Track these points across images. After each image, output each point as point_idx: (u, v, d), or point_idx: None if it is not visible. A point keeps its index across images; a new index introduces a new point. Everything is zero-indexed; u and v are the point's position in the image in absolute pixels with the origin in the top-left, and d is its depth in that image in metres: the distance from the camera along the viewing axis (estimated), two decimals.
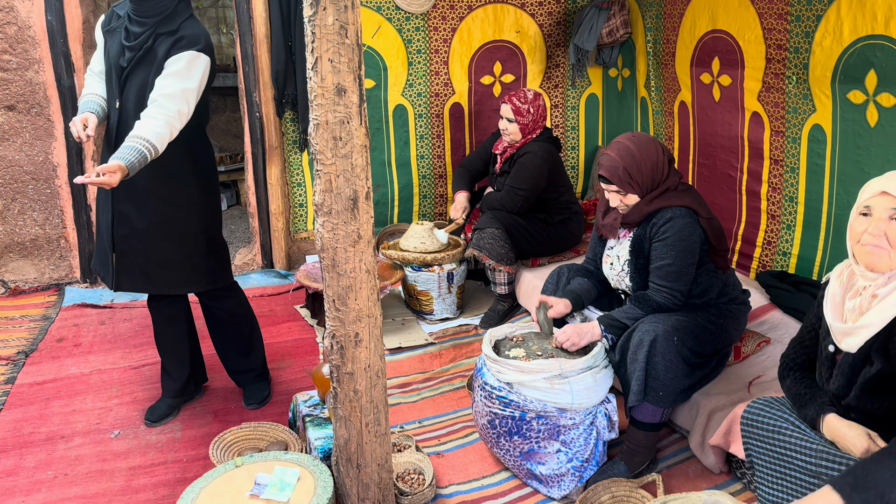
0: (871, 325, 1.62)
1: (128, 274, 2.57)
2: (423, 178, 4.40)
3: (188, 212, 2.56)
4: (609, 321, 2.40)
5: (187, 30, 2.40)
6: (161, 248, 2.54)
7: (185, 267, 2.60)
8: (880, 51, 2.53)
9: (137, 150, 2.22)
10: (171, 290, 2.65)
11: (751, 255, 3.31)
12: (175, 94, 2.31)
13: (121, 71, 2.41)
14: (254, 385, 2.92)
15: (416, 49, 4.19)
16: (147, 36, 2.36)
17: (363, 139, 1.78)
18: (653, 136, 2.45)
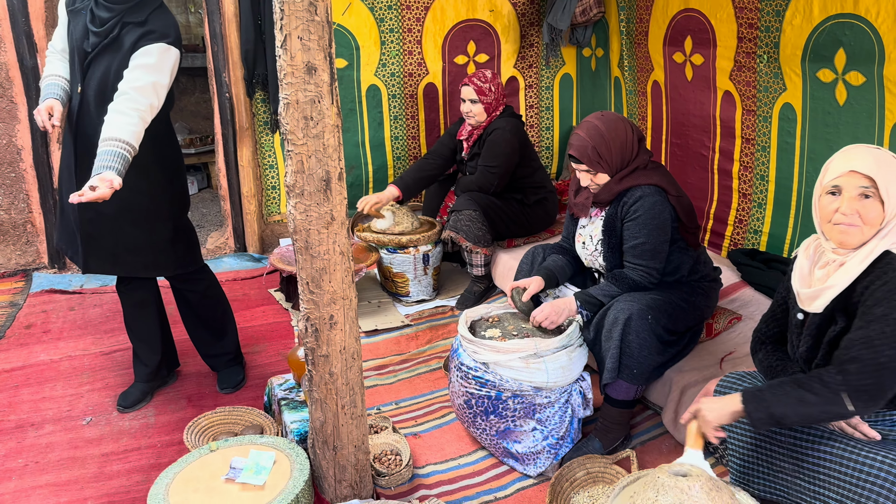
0: (836, 285, 1.68)
1: (95, 256, 2.53)
2: (398, 160, 4.37)
3: (153, 198, 2.52)
4: (585, 298, 2.41)
5: (156, 22, 2.35)
6: (127, 233, 2.50)
7: (152, 251, 2.57)
8: (849, 29, 2.55)
9: (120, 155, 2.19)
10: (139, 272, 2.61)
11: (722, 233, 3.34)
12: (146, 88, 2.27)
13: (84, 55, 2.36)
14: (228, 369, 2.90)
15: (388, 28, 4.14)
16: (114, 23, 2.31)
17: (335, 119, 1.75)
18: (622, 115, 2.45)
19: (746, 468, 1.89)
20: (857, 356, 1.58)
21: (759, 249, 3.13)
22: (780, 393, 1.65)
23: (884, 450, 1.61)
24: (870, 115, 2.54)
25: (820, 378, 1.62)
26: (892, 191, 1.62)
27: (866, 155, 1.66)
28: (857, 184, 1.65)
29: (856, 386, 1.57)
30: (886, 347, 1.55)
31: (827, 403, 1.59)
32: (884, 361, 1.55)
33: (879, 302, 1.58)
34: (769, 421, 1.65)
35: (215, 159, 4.32)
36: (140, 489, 2.29)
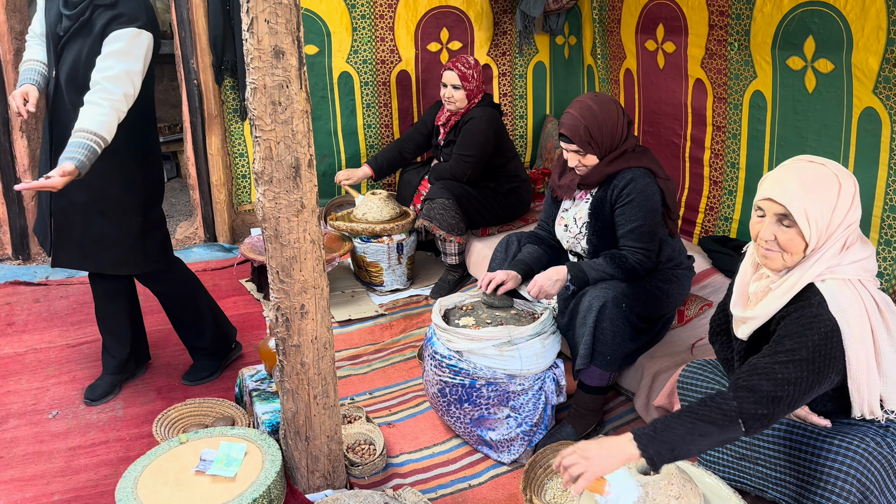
0: (757, 317, 1.66)
1: (65, 249, 2.48)
2: (371, 148, 4.33)
3: (125, 189, 2.46)
4: (576, 272, 2.37)
5: (127, 4, 2.28)
6: (97, 225, 2.45)
7: (122, 247, 2.51)
8: (818, 17, 2.57)
9: (87, 146, 2.15)
10: (107, 269, 2.55)
11: (694, 220, 3.37)
12: (119, 77, 2.23)
13: (57, 39, 2.32)
14: (200, 363, 2.85)
15: (360, 14, 4.09)
16: (85, 6, 2.26)
17: (304, 104, 1.72)
18: (614, 98, 2.44)
19: (712, 456, 1.91)
20: (756, 386, 1.54)
21: (729, 236, 3.16)
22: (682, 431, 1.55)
23: (839, 434, 1.64)
24: (838, 103, 2.57)
25: (718, 406, 1.56)
26: (814, 218, 1.55)
27: (791, 177, 1.58)
28: (774, 211, 1.59)
29: (751, 413, 1.54)
30: (786, 384, 1.52)
31: (725, 432, 1.55)
32: (780, 396, 1.53)
33: (791, 335, 1.55)
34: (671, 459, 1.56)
35: (184, 148, 4.24)
36: (108, 483, 2.25)
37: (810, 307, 1.56)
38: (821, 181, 1.56)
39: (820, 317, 1.54)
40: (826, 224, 1.56)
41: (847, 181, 1.58)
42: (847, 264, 1.58)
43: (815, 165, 1.59)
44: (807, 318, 1.55)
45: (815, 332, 1.53)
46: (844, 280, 1.57)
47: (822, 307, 1.54)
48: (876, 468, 1.58)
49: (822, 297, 1.56)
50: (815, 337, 1.53)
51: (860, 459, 1.57)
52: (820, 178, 1.57)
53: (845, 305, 1.54)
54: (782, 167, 1.63)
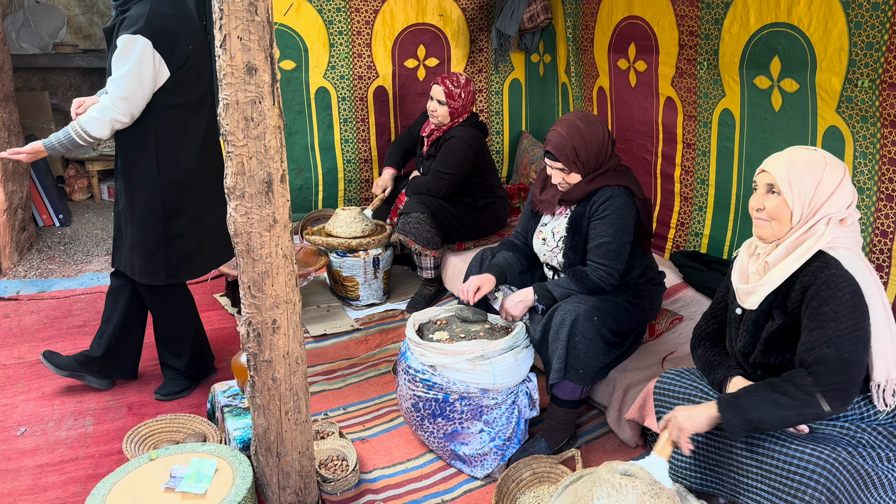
0: (770, 282, 1.75)
1: (118, 251, 2.65)
2: (348, 163, 4.34)
3: (146, 197, 2.51)
4: (542, 291, 2.43)
5: (134, 10, 2.38)
6: (129, 231, 2.57)
7: (145, 254, 2.56)
8: (783, 37, 2.64)
9: (65, 132, 2.37)
10: (137, 276, 2.61)
11: (665, 235, 3.42)
12: (116, 80, 2.35)
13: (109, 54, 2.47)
14: (171, 380, 2.82)
15: (337, 30, 4.11)
16: (114, 18, 2.43)
17: (276, 120, 1.73)
18: (600, 118, 2.48)
19: (682, 462, 1.94)
20: (822, 356, 1.63)
21: (700, 251, 3.21)
22: (756, 398, 1.68)
23: (811, 443, 1.67)
24: (803, 121, 2.64)
25: (793, 381, 1.65)
26: (797, 189, 1.70)
27: (784, 155, 1.75)
28: (765, 181, 1.76)
29: (828, 385, 1.61)
30: (846, 343, 1.61)
31: (803, 405, 1.63)
32: (848, 357, 1.61)
33: (825, 301, 1.64)
34: (747, 427, 1.67)
35: None
36: (76, 501, 2.22)
37: (829, 268, 1.66)
38: (808, 160, 1.73)
39: (842, 276, 1.64)
40: (810, 197, 1.71)
41: (835, 165, 1.73)
42: (844, 237, 1.71)
43: (807, 149, 1.77)
44: (832, 280, 1.65)
45: (845, 291, 1.63)
46: (848, 248, 1.70)
47: (840, 267, 1.65)
48: (846, 478, 1.62)
49: (836, 259, 1.67)
50: (847, 295, 1.63)
51: (830, 468, 1.60)
52: (808, 157, 1.73)
53: (855, 266, 1.66)
54: (780, 152, 1.79)
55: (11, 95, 4.11)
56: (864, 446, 1.69)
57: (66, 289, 3.80)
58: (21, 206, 4.17)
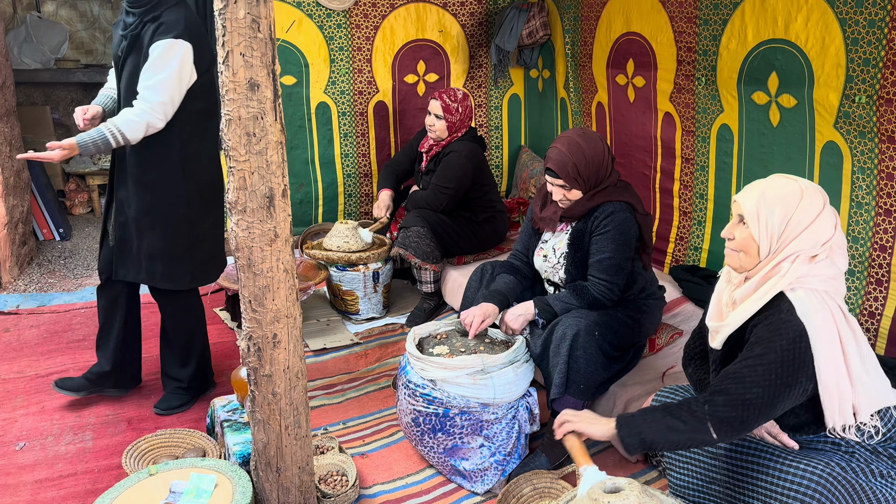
0: (730, 324, 1.73)
1: (124, 262, 2.61)
2: (348, 177, 4.36)
3: (168, 202, 2.55)
4: (543, 305, 2.44)
5: (168, 15, 2.43)
6: (147, 238, 2.56)
7: (169, 259, 2.59)
8: (781, 54, 2.66)
9: (99, 132, 2.35)
10: (158, 282, 2.62)
11: (664, 250, 3.43)
12: (155, 86, 2.38)
13: (118, 60, 2.51)
14: (172, 394, 2.82)
15: (338, 46, 4.14)
16: (136, 24, 2.43)
17: (278, 135, 1.74)
18: (600, 135, 2.49)
19: (683, 481, 1.94)
20: (726, 389, 1.64)
21: (699, 266, 3.22)
22: (651, 420, 1.70)
23: (805, 458, 1.67)
24: (801, 136, 2.65)
25: (689, 407, 1.67)
26: (765, 222, 1.66)
27: (759, 186, 1.71)
28: (736, 210, 1.73)
29: (720, 417, 1.62)
30: (755, 385, 1.60)
31: (693, 431, 1.65)
32: (749, 398, 1.60)
33: (760, 341, 1.63)
34: (640, 446, 1.70)
35: None
36: None
37: (780, 313, 1.63)
38: (783, 192, 1.67)
39: (789, 322, 1.61)
40: (779, 232, 1.66)
41: (813, 199, 1.66)
42: (813, 276, 1.65)
43: (786, 180, 1.70)
44: (776, 323, 1.62)
45: (783, 337, 1.60)
46: (812, 289, 1.64)
47: (791, 313, 1.61)
48: (840, 493, 1.61)
49: (790, 304, 1.63)
50: (783, 341, 1.59)
51: (825, 483, 1.60)
52: (783, 189, 1.67)
53: (812, 311, 1.61)
54: (761, 179, 1.74)
55: (13, 110, 4.13)
56: (857, 461, 1.69)
57: (66, 303, 3.80)
58: (22, 221, 4.18)
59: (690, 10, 3.04)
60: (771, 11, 2.67)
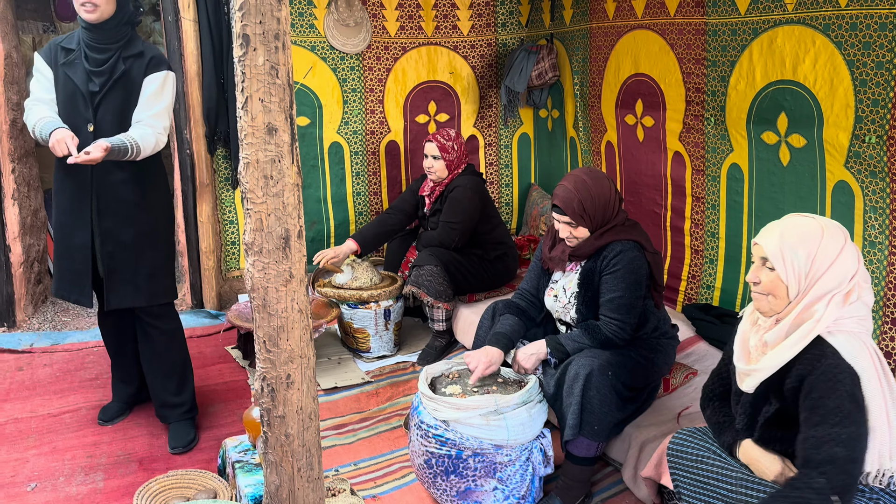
0: (766, 368, 1.71)
1: (116, 290, 2.65)
2: (360, 215, 4.39)
3: (165, 220, 2.77)
4: (555, 344, 2.43)
5: (151, 51, 2.61)
6: (148, 258, 2.67)
7: (168, 274, 2.76)
8: (790, 94, 2.69)
9: (121, 140, 2.45)
10: (160, 298, 2.73)
11: (677, 288, 3.42)
12: (159, 114, 2.57)
13: (92, 96, 2.53)
14: (180, 423, 2.83)
15: (351, 88, 4.22)
16: (114, 60, 2.52)
17: (295, 178, 1.77)
18: (607, 174, 2.52)
19: None
20: (832, 456, 1.58)
21: (712, 304, 3.21)
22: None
23: None
24: (812, 176, 2.67)
25: (809, 486, 1.59)
26: (791, 263, 1.65)
27: (777, 227, 1.71)
28: (759, 254, 1.73)
29: (839, 485, 1.58)
30: (853, 441, 1.58)
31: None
32: (856, 457, 1.58)
33: (826, 394, 1.60)
34: None
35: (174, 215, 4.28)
36: None
37: (826, 358, 1.61)
38: (803, 231, 1.67)
39: (841, 366, 1.59)
40: (806, 271, 1.65)
41: (834, 234, 1.67)
42: (848, 318, 1.65)
43: (803, 218, 1.71)
44: (831, 371, 1.60)
45: (844, 383, 1.59)
46: (848, 332, 1.63)
47: (838, 357, 1.60)
48: None
49: (833, 348, 1.61)
50: (847, 387, 1.58)
51: None
52: (803, 228, 1.68)
53: (857, 354, 1.60)
54: (777, 220, 1.74)
55: (32, 151, 4.21)
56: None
57: (80, 341, 3.82)
58: (37, 259, 4.23)
59: (698, 51, 3.09)
60: (779, 53, 2.71)
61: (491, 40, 4.47)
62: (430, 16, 4.31)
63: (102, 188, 2.59)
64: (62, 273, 2.69)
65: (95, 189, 2.59)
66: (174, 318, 2.85)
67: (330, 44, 4.11)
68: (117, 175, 2.57)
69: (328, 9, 4.09)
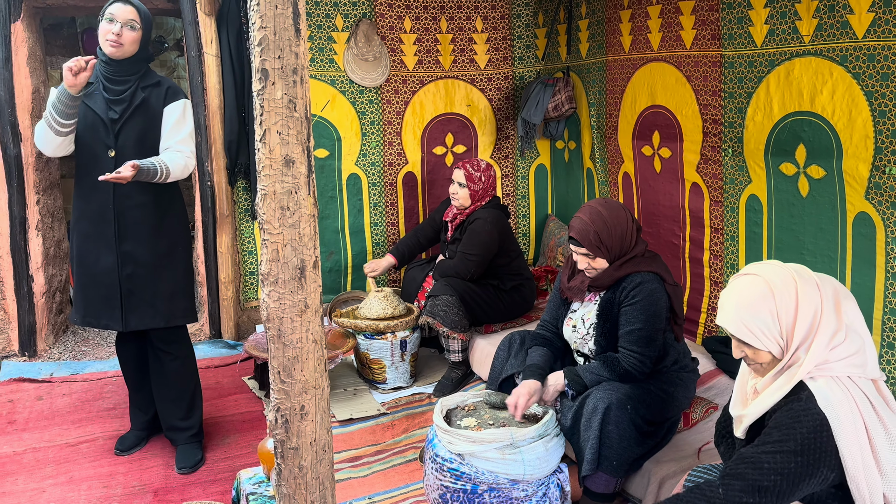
0: (751, 414, 1.71)
1: (135, 311, 2.72)
2: (377, 246, 4.41)
3: (183, 243, 2.85)
4: (573, 376, 2.40)
5: (167, 81, 2.75)
6: (167, 279, 2.76)
7: (186, 296, 2.84)
8: (808, 126, 2.68)
9: (151, 162, 2.56)
10: (179, 319, 2.81)
11: (696, 320, 3.38)
12: (185, 139, 2.71)
13: (113, 123, 2.64)
14: (187, 445, 2.88)
15: (369, 121, 4.27)
16: (133, 90, 2.64)
17: (311, 209, 1.78)
18: (623, 205, 2.52)
19: None
20: (743, 473, 1.60)
21: None
22: None
23: None
24: (832, 207, 2.64)
25: (703, 493, 1.63)
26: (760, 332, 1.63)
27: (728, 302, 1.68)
28: (729, 333, 1.70)
29: (735, 502, 1.58)
30: (772, 473, 1.56)
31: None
32: (767, 486, 1.56)
33: (779, 427, 1.59)
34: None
35: (194, 246, 4.33)
36: None
37: (798, 402, 1.60)
38: (751, 294, 1.64)
39: (808, 410, 1.57)
40: (777, 329, 1.62)
41: (781, 283, 1.63)
42: (835, 361, 1.61)
43: (748, 278, 1.67)
44: (795, 411, 1.58)
45: (803, 425, 1.56)
46: (834, 377, 1.60)
47: (811, 401, 1.58)
48: None
49: (810, 393, 1.59)
50: (802, 430, 1.56)
51: None
52: (750, 290, 1.65)
53: (834, 401, 1.56)
54: (725, 290, 1.71)
55: (56, 183, 4.30)
56: None
57: (98, 371, 3.84)
58: (59, 289, 4.29)
59: (715, 83, 3.10)
60: (796, 85, 2.70)
61: (508, 73, 4.52)
62: (447, 50, 4.37)
63: (123, 212, 2.68)
64: (89, 300, 2.74)
65: (116, 213, 2.68)
66: (186, 345, 2.91)
67: (349, 78, 4.18)
68: (137, 199, 2.67)
69: (347, 44, 4.16)
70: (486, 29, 4.43)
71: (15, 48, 3.77)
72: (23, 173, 3.86)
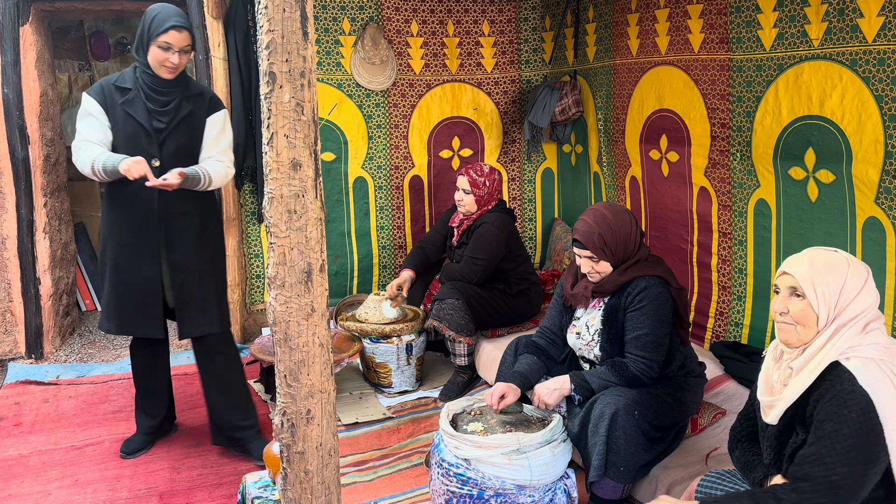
0: (787, 397, 1.69)
1: (189, 319, 2.77)
2: (383, 249, 4.41)
3: (223, 248, 2.96)
4: (580, 381, 2.39)
5: (208, 91, 2.85)
6: (213, 286, 2.82)
7: (223, 304, 2.88)
8: (817, 130, 2.66)
9: (194, 170, 2.63)
10: (227, 325, 2.88)
11: (704, 325, 3.36)
12: (226, 149, 2.79)
13: (157, 132, 2.66)
14: (256, 442, 2.92)
15: (376, 124, 4.27)
16: (178, 101, 2.67)
17: (318, 212, 1.78)
18: (627, 208, 2.51)
19: None
20: (810, 474, 1.57)
21: (740, 342, 3.14)
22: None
23: None
24: (841, 212, 2.62)
25: (775, 496, 1.60)
26: (822, 292, 1.65)
27: (804, 256, 1.71)
28: (787, 283, 1.71)
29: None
30: (839, 465, 1.54)
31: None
32: (836, 480, 1.54)
33: (829, 417, 1.58)
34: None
35: None
36: None
37: (840, 383, 1.59)
38: (830, 261, 1.68)
39: (853, 392, 1.56)
40: (835, 300, 1.65)
41: (858, 266, 1.69)
42: (867, 345, 1.63)
43: (827, 251, 1.72)
44: (841, 395, 1.57)
45: (851, 409, 1.55)
46: (868, 358, 1.61)
47: (853, 382, 1.57)
48: None
49: (850, 374, 1.59)
50: (853, 413, 1.55)
51: None
52: (830, 259, 1.69)
53: (872, 381, 1.57)
54: (802, 252, 1.75)
55: (64, 186, 4.31)
56: None
57: (105, 373, 3.85)
58: (66, 292, 4.29)
59: (723, 87, 3.08)
60: (805, 89, 2.69)
61: (514, 77, 4.51)
62: (454, 53, 4.37)
63: (168, 220, 2.70)
64: (125, 308, 2.74)
65: (162, 221, 2.70)
66: (234, 344, 2.98)
67: (356, 81, 4.18)
68: (181, 207, 2.70)
69: (354, 47, 4.16)
70: (493, 32, 4.42)
71: (23, 52, 3.78)
72: (31, 176, 3.87)
